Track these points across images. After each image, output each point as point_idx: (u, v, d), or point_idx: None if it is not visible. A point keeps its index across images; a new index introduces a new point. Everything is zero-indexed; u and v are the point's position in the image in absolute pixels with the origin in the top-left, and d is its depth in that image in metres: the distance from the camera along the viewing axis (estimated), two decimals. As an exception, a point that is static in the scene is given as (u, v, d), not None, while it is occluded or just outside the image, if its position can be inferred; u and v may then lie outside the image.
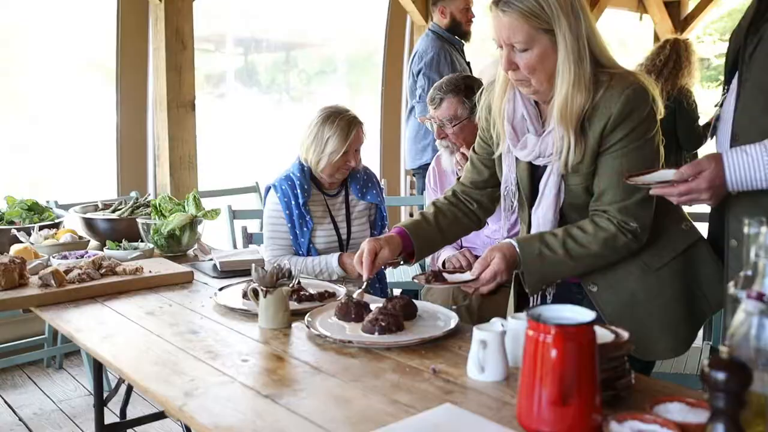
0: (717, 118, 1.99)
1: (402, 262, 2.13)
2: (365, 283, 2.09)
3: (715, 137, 2.01)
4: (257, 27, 5.71)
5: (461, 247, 3.03)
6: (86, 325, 2.05)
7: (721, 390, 1.10)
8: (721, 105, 1.98)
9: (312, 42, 6.15)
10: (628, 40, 8.24)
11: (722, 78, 2.04)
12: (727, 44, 2.03)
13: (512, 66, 1.86)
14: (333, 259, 2.90)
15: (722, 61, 2.11)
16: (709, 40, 9.45)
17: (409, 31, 6.02)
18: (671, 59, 4.93)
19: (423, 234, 2.12)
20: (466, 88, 2.84)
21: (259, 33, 5.76)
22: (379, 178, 4.51)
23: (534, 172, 2.01)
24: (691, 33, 8.07)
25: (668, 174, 1.78)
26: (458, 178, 2.33)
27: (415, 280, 2.01)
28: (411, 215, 5.56)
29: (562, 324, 1.27)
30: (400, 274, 4.21)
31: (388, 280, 3.34)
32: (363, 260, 2.01)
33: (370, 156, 5.78)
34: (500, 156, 2.07)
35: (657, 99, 1.89)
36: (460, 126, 2.85)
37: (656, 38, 8.15)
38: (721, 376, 1.09)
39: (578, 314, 1.37)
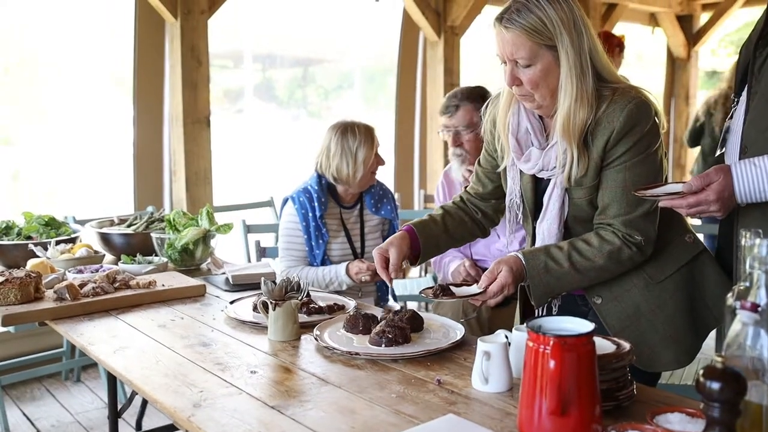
0: (726, 130, 2.00)
1: (408, 264, 2.15)
2: (389, 288, 2.12)
3: (724, 149, 2.02)
4: (275, 43, 5.77)
5: (471, 258, 3.05)
6: (99, 338, 2.09)
7: (715, 400, 1.11)
8: (731, 117, 1.99)
9: (329, 58, 6.21)
10: (641, 53, 8.23)
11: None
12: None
13: (516, 81, 1.89)
14: (341, 268, 2.95)
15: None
16: (723, 53, 9.42)
17: (422, 46, 6.06)
18: None
19: (429, 233, 2.14)
20: (480, 96, 2.89)
21: (277, 49, 5.81)
22: (393, 191, 4.51)
23: (538, 186, 2.04)
24: (704, 46, 8.06)
25: (677, 186, 1.80)
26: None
27: (423, 294, 2.03)
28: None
29: (561, 335, 1.29)
30: (414, 287, 4.23)
31: (398, 293, 3.37)
32: (378, 271, 2.05)
33: (385, 169, 5.78)
34: (505, 169, 2.10)
35: (660, 113, 1.91)
36: (476, 132, 2.88)
37: (668, 52, 8.16)
38: (715, 386, 1.10)
39: (578, 325, 1.39)
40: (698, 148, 5.61)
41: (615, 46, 5.04)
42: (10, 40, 4.43)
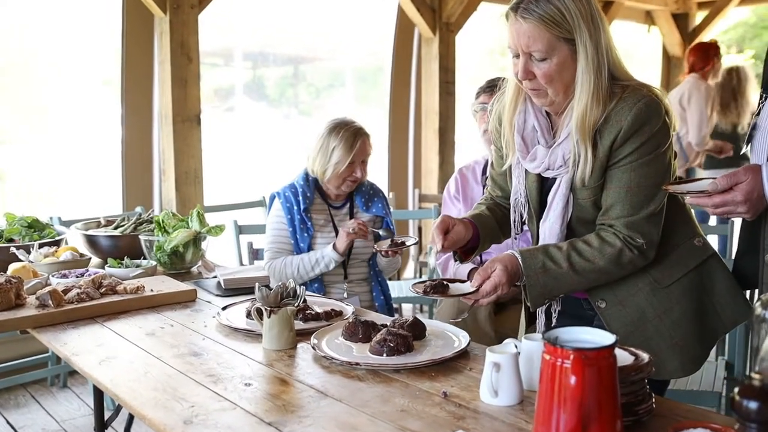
0: (753, 126, 1.90)
1: (456, 261, 2.06)
2: (436, 253, 2.04)
3: (750, 146, 1.93)
4: (265, 41, 5.70)
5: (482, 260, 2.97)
6: (84, 348, 1.98)
7: (753, 420, 1.03)
8: (758, 114, 1.90)
9: (320, 56, 6.14)
10: (636, 52, 8.19)
11: None
12: (745, 54, 1.96)
13: (529, 75, 1.80)
14: (329, 247, 2.96)
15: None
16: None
17: (417, 44, 5.98)
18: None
19: (485, 223, 2.07)
20: None
21: (268, 47, 5.74)
22: (387, 191, 4.43)
23: (543, 185, 1.96)
24: (700, 45, 8.02)
25: (704, 184, 1.73)
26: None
27: (413, 290, 1.94)
28: (419, 229, 5.50)
29: (581, 348, 1.20)
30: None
31: (393, 295, 3.31)
32: (434, 234, 1.94)
33: (378, 169, 5.72)
34: (510, 167, 2.01)
35: (671, 112, 1.82)
36: None
37: (664, 50, 8.11)
38: (753, 405, 1.03)
39: (597, 337, 1.30)
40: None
41: (713, 56, 5.22)
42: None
